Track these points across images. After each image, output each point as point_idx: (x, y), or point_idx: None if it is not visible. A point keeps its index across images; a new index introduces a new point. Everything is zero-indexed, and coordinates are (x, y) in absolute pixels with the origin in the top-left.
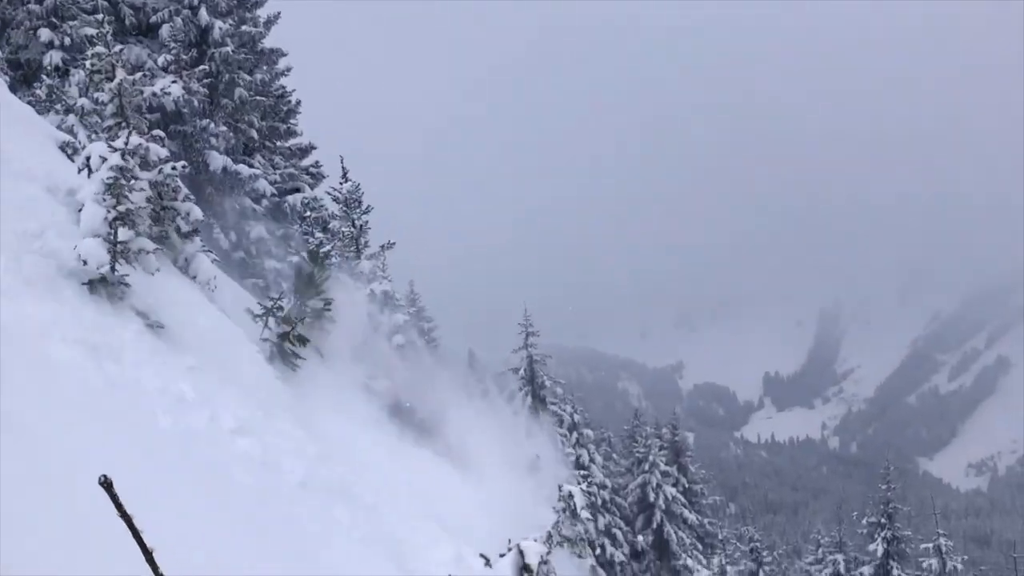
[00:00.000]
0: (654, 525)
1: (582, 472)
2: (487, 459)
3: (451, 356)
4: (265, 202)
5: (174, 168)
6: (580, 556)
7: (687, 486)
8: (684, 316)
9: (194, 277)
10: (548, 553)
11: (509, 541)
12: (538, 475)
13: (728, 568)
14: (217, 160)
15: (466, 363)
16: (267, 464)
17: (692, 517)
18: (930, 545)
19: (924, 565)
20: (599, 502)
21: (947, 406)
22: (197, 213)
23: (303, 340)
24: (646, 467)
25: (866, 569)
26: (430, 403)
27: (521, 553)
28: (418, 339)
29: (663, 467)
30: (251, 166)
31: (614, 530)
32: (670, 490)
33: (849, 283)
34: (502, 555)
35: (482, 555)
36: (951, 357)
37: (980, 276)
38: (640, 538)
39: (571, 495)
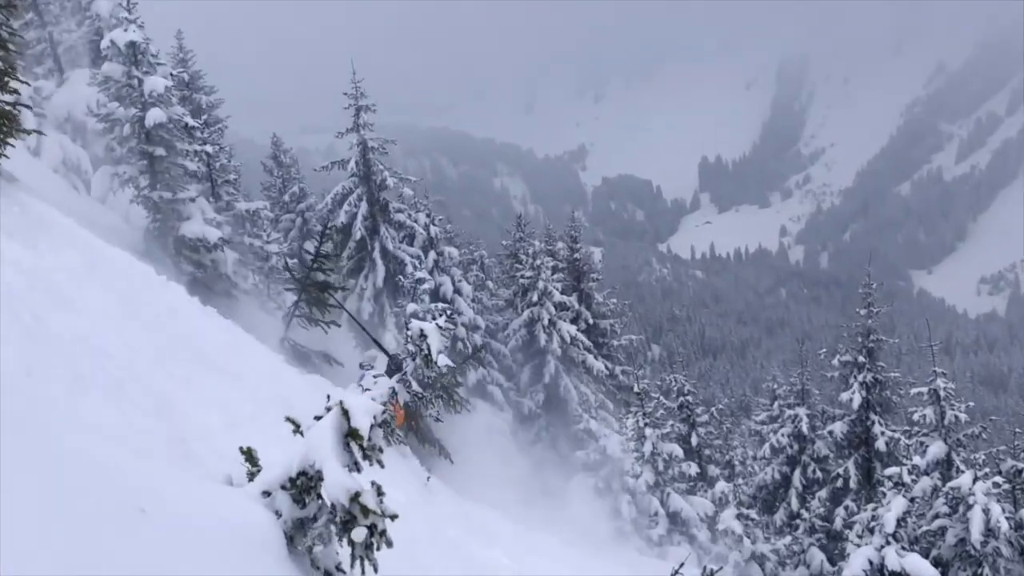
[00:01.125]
0: (546, 378)
1: (441, 306)
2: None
3: (242, 144)
4: None
5: None
6: (438, 419)
7: (592, 323)
8: (587, 81)
9: None
10: (385, 414)
11: (328, 398)
12: None
13: (648, 432)
14: None
15: (270, 155)
16: None
17: (598, 365)
18: (924, 389)
19: (916, 416)
20: (468, 348)
21: (953, 197)
22: None
23: None
24: (534, 298)
25: (837, 426)
26: None
27: (345, 413)
28: (185, 116)
29: (558, 297)
30: None
31: (490, 387)
32: (568, 329)
33: (819, 26)
34: (318, 417)
35: (289, 419)
36: (959, 128)
37: (997, 17)
38: (528, 398)
39: (423, 335)
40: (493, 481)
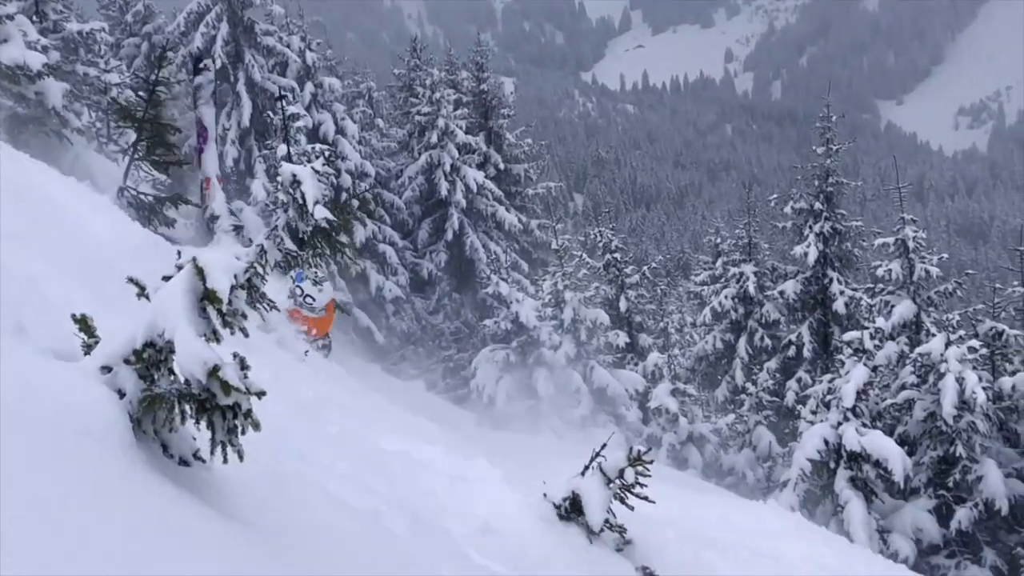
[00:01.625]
0: (449, 235)
1: (320, 148)
2: None
3: None
4: None
5: None
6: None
7: (502, 168)
8: None
9: None
10: (249, 272)
11: (179, 254)
12: None
13: (569, 295)
14: None
15: None
16: None
17: (511, 218)
18: (890, 240)
19: (880, 272)
20: (353, 201)
21: (929, 14)
22: None
23: None
24: (433, 139)
25: (789, 285)
26: None
27: (200, 272)
28: None
29: (462, 138)
30: None
31: (381, 246)
32: (474, 176)
33: None
34: (168, 278)
35: (132, 280)
36: None
37: None
38: (427, 259)
39: (296, 181)
40: (384, 357)
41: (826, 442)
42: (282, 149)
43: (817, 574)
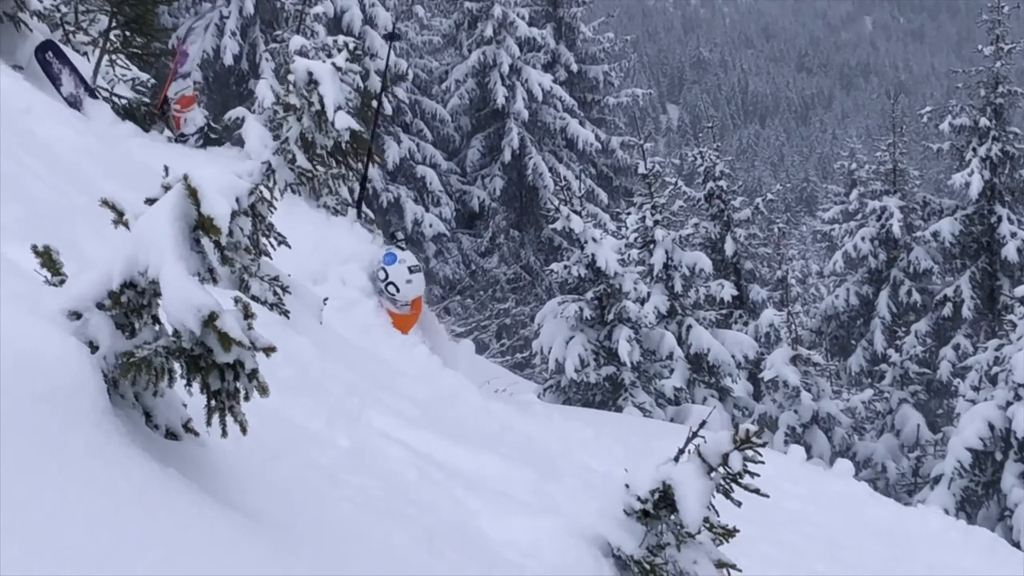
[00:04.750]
0: (506, 155)
1: (344, 40)
2: None
3: None
4: None
5: None
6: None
7: (575, 70)
8: None
9: None
10: (254, 195)
11: (166, 171)
12: None
13: (660, 234)
14: None
15: None
16: None
17: (585, 134)
18: None
19: None
20: (390, 104)
21: None
22: None
23: None
24: (488, 31)
25: (945, 225)
26: None
27: (193, 194)
28: None
29: (524, 30)
30: None
31: (419, 168)
32: (539, 79)
33: None
34: (150, 200)
35: (106, 203)
36: None
37: None
38: (478, 185)
39: (313, 80)
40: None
41: (991, 427)
42: (295, 42)
43: None
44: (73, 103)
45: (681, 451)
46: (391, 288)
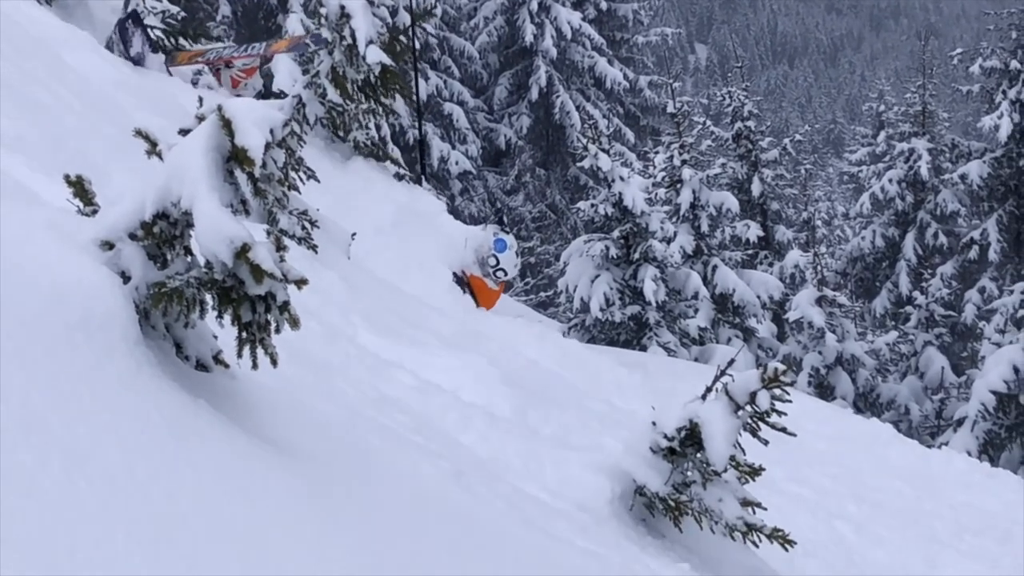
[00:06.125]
0: (534, 93)
1: None
2: None
3: None
4: None
5: None
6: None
7: (604, 7)
8: None
9: None
10: (287, 128)
11: (200, 101)
12: None
13: (688, 173)
14: None
15: None
16: None
17: (614, 73)
18: None
19: None
20: (418, 41)
21: None
22: None
23: None
24: None
25: (973, 167)
26: None
27: (227, 125)
28: None
29: None
30: None
31: (446, 105)
32: (568, 16)
33: None
34: (184, 131)
35: (140, 133)
36: None
37: None
38: (505, 123)
39: (345, 14)
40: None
41: (1016, 370)
42: None
43: None
44: (138, 61)
45: (709, 389)
46: (500, 273)
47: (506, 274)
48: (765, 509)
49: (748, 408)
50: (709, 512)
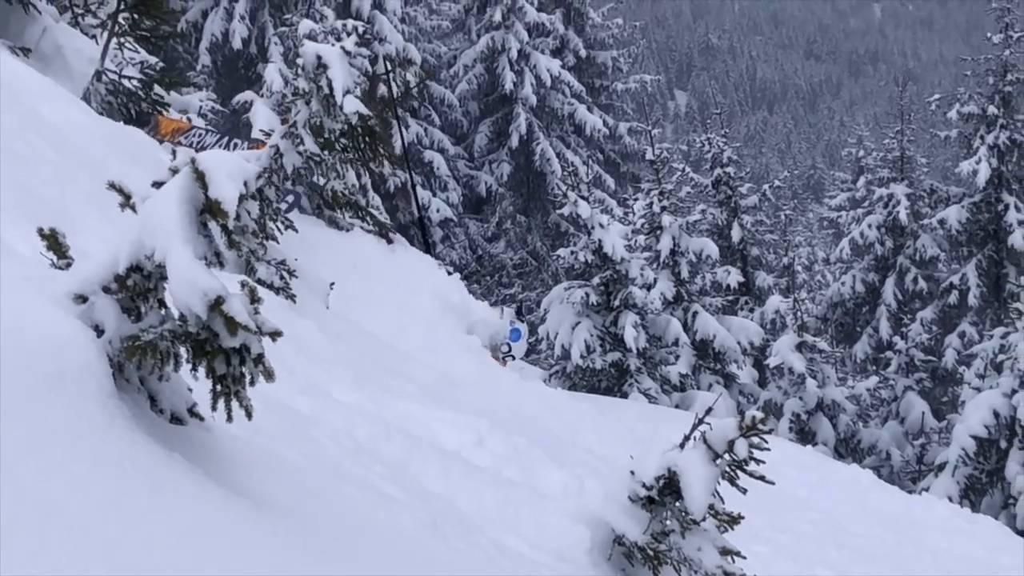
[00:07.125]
0: (514, 140)
1: (353, 25)
2: None
3: None
4: None
5: None
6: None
7: (584, 55)
8: None
9: None
10: (262, 179)
11: (174, 155)
12: None
13: (667, 220)
14: None
15: None
16: None
17: (593, 120)
18: None
19: None
20: (393, 90)
21: None
22: None
23: None
24: (496, 16)
25: (951, 212)
26: None
27: (200, 177)
28: None
29: (533, 15)
30: None
31: (427, 153)
32: (548, 64)
33: None
34: (157, 183)
35: (114, 186)
36: None
37: None
38: (486, 170)
39: (322, 64)
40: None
41: (996, 415)
42: (304, 25)
43: None
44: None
45: (687, 437)
46: (509, 357)
47: (514, 359)
48: (744, 558)
49: (726, 456)
50: (688, 561)
